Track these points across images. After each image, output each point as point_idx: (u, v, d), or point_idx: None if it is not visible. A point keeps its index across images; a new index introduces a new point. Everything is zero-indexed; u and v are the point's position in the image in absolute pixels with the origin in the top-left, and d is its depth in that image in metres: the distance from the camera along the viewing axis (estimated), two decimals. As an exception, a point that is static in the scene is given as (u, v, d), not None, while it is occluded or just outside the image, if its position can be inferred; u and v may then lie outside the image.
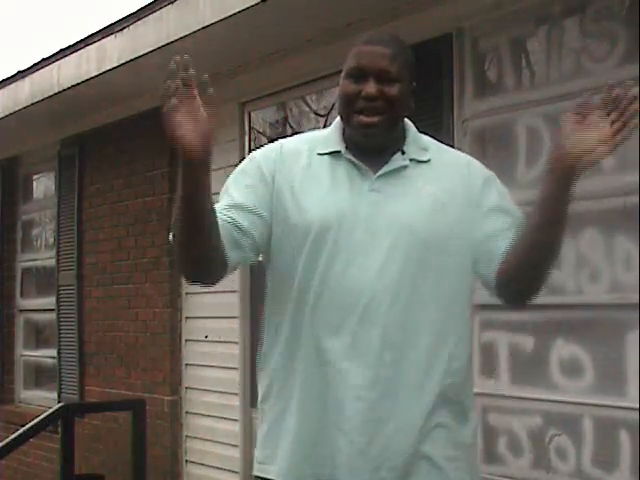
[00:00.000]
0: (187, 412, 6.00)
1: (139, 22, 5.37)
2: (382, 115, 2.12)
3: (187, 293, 6.03)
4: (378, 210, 2.10)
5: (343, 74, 2.22)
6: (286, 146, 2.24)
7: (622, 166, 3.61)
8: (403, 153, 2.18)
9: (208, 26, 4.78)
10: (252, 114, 5.63)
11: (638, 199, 3.49)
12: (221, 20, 4.69)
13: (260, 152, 2.25)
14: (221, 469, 5.70)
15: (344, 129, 2.21)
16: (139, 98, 6.25)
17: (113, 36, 5.63)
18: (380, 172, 2.14)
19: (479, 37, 4.22)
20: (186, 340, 6.03)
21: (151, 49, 5.26)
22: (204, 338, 5.87)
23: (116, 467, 6.34)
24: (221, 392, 5.70)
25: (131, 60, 5.48)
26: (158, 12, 5.19)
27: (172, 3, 5.06)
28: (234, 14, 4.58)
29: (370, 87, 2.12)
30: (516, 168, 4.03)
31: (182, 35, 4.99)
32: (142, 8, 5.38)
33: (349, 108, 2.16)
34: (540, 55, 3.99)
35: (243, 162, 2.26)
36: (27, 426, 5.44)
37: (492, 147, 4.30)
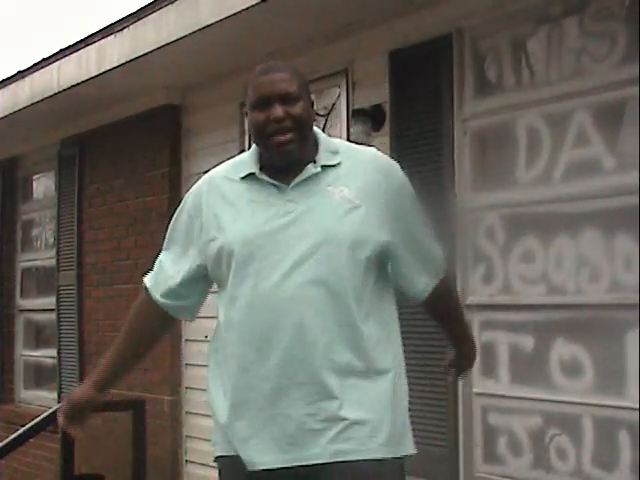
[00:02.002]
0: (187, 412, 6.00)
1: (139, 22, 5.37)
2: (293, 132, 2.31)
3: (187, 293, 6.03)
4: (294, 220, 2.29)
5: (249, 107, 2.38)
6: (211, 179, 2.46)
7: (622, 166, 3.61)
8: (315, 162, 2.35)
9: (208, 26, 4.79)
10: (252, 114, 5.63)
11: (638, 199, 3.49)
12: (221, 20, 4.69)
13: (191, 193, 2.49)
14: (221, 469, 5.70)
15: (261, 153, 2.40)
16: (139, 98, 6.26)
17: (113, 36, 5.63)
18: (293, 183, 2.32)
19: (479, 37, 4.22)
20: (186, 340, 6.03)
21: (151, 49, 5.27)
22: (204, 338, 5.87)
23: (116, 467, 6.34)
24: (221, 392, 5.69)
25: (131, 60, 5.48)
26: (158, 12, 5.19)
27: (172, 3, 5.06)
28: (234, 14, 4.58)
29: (276, 110, 2.31)
30: (516, 168, 4.03)
31: (182, 35, 4.99)
32: (142, 8, 5.38)
33: (262, 134, 2.33)
34: (540, 55, 3.99)
35: (179, 208, 2.52)
36: (27, 426, 5.43)
37: (492, 147, 4.30)
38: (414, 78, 4.41)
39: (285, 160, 2.33)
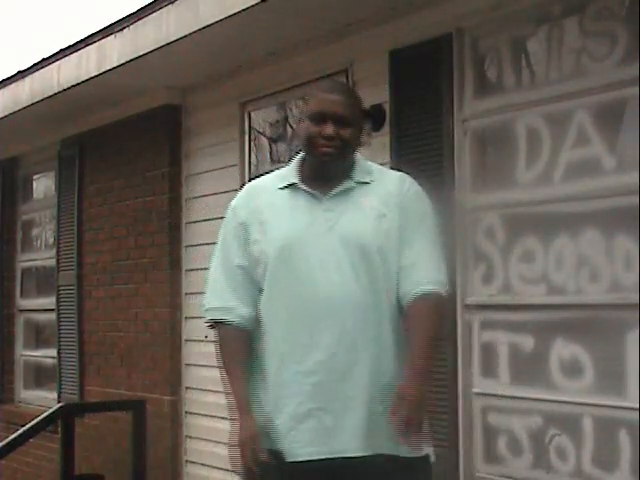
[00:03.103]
0: (187, 412, 6.00)
1: (139, 22, 5.37)
2: (337, 149, 2.63)
3: (187, 293, 6.03)
4: (332, 228, 2.60)
5: (305, 115, 2.68)
6: (254, 188, 2.80)
7: (622, 166, 3.61)
8: (351, 179, 2.68)
9: (208, 26, 4.78)
10: (252, 114, 5.63)
11: (638, 199, 3.49)
12: (221, 20, 4.69)
13: (234, 208, 2.77)
14: (221, 469, 5.69)
15: (301, 165, 2.73)
16: (139, 98, 6.26)
17: (113, 36, 5.63)
18: (331, 193, 2.64)
19: (479, 37, 4.22)
20: (186, 340, 6.03)
21: (151, 49, 5.27)
22: (204, 338, 5.86)
23: (116, 467, 6.34)
24: (221, 392, 5.67)
25: (131, 60, 5.48)
26: (158, 12, 5.19)
27: (172, 3, 5.06)
28: (234, 14, 4.58)
29: (329, 129, 2.62)
30: (516, 168, 4.03)
31: (182, 35, 4.99)
32: (142, 8, 5.38)
33: (312, 144, 2.65)
34: (540, 55, 3.99)
35: (225, 220, 2.78)
36: (27, 426, 5.45)
37: (492, 147, 4.30)
38: (414, 78, 4.41)
39: (324, 166, 2.66)
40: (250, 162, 5.61)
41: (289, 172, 2.73)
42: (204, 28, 4.82)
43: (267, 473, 2.55)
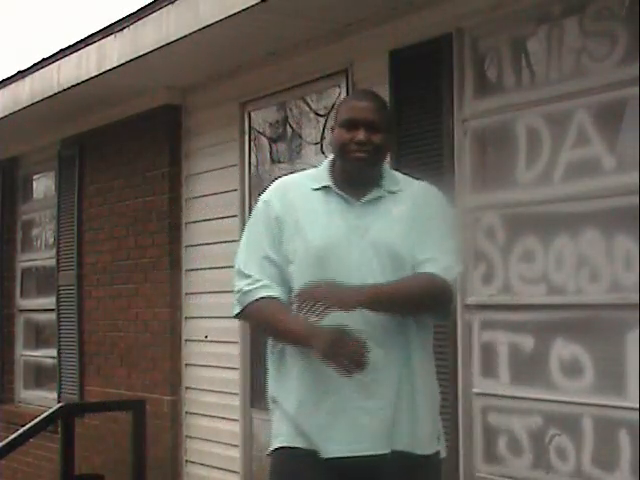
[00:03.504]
0: (187, 412, 6.00)
1: (139, 22, 5.37)
2: (369, 154, 2.69)
3: (187, 293, 6.03)
4: (364, 234, 2.67)
5: (337, 123, 2.75)
6: (286, 186, 2.82)
7: (622, 166, 3.61)
8: (381, 187, 2.75)
9: (208, 26, 4.78)
10: (252, 114, 5.63)
11: (638, 199, 3.49)
12: (221, 20, 4.69)
13: (265, 202, 2.80)
14: (221, 469, 5.70)
15: (332, 169, 2.78)
16: (139, 98, 6.26)
17: (113, 36, 5.63)
18: (363, 199, 2.71)
19: (479, 37, 4.22)
20: (186, 340, 6.03)
21: (151, 49, 5.27)
22: (204, 338, 5.87)
23: (116, 467, 6.34)
24: (221, 392, 5.70)
25: (131, 60, 5.48)
26: (158, 12, 5.19)
27: (172, 3, 5.06)
28: (234, 14, 4.58)
29: (361, 134, 2.68)
30: (516, 168, 4.03)
31: (182, 35, 4.99)
32: (142, 8, 5.38)
33: (344, 150, 2.71)
34: (540, 55, 3.99)
35: (255, 212, 2.84)
36: (27, 426, 5.44)
37: (492, 147, 4.30)
38: (414, 78, 4.41)
39: (359, 171, 2.72)
40: (250, 162, 5.61)
41: (321, 174, 2.77)
42: (204, 28, 4.82)
43: (302, 469, 2.64)
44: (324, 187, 2.73)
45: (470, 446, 4.14)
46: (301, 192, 2.75)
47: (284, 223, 2.70)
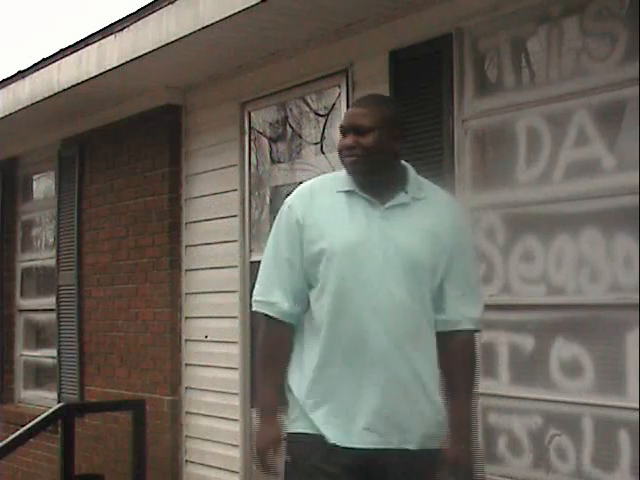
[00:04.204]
0: (187, 412, 6.00)
1: (139, 22, 5.37)
2: (360, 157, 2.77)
3: (187, 293, 6.03)
4: (388, 237, 2.72)
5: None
6: (312, 189, 2.88)
7: (622, 166, 3.61)
8: (406, 192, 2.80)
9: (208, 26, 4.78)
10: (252, 114, 5.63)
11: (638, 199, 3.49)
12: (221, 20, 4.69)
13: (289, 207, 2.87)
14: (221, 469, 5.70)
15: None
16: (139, 98, 6.26)
17: (113, 36, 5.63)
18: (388, 204, 2.76)
19: (479, 37, 4.22)
20: (186, 340, 6.03)
21: (151, 49, 5.26)
22: (204, 338, 5.87)
23: (116, 467, 6.34)
24: (221, 392, 5.69)
25: (131, 60, 5.48)
26: (158, 12, 5.19)
27: (172, 3, 5.05)
28: (234, 14, 4.58)
29: (348, 140, 2.79)
30: (516, 168, 4.03)
31: (182, 35, 4.99)
32: (142, 8, 5.38)
33: (340, 156, 2.84)
34: (540, 55, 3.99)
35: (279, 215, 2.90)
36: (27, 426, 5.45)
37: (492, 147, 4.30)
38: (414, 78, 4.41)
39: (354, 175, 2.80)
40: (250, 162, 5.61)
41: (346, 176, 2.84)
42: (204, 28, 4.82)
43: (309, 453, 2.75)
44: (348, 191, 2.80)
45: (470, 446, 4.14)
46: (327, 195, 2.83)
47: (306, 226, 2.78)
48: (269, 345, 2.87)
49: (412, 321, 2.72)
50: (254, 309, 2.90)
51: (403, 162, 2.90)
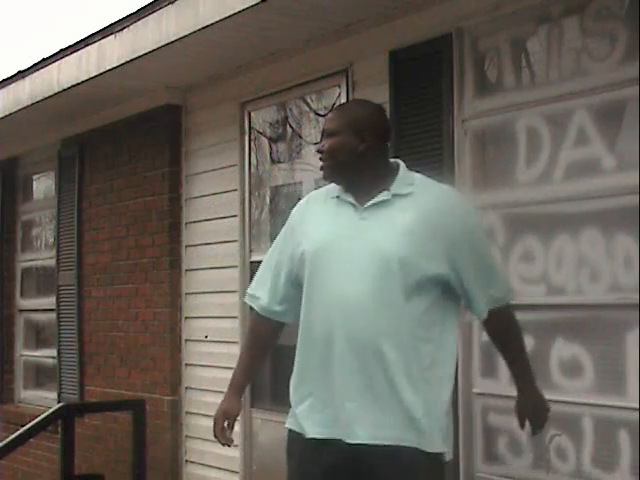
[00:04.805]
0: (187, 412, 6.00)
1: (139, 22, 5.37)
2: (326, 161, 2.89)
3: (187, 293, 6.03)
4: (362, 237, 2.77)
5: None
6: (310, 198, 3.04)
7: (622, 166, 3.61)
8: (389, 190, 2.81)
9: (208, 26, 4.78)
10: (252, 114, 5.63)
11: (638, 199, 3.49)
12: (221, 20, 4.68)
13: (292, 213, 3.04)
14: (221, 469, 5.70)
15: None
16: (139, 98, 6.26)
17: (113, 36, 5.63)
18: (366, 205, 2.81)
19: (479, 37, 4.22)
20: (186, 340, 6.03)
21: (151, 49, 5.26)
22: (204, 338, 5.87)
23: (116, 467, 6.34)
24: (221, 392, 5.65)
25: (131, 60, 5.48)
26: (158, 12, 5.19)
27: (172, 3, 5.05)
28: (234, 14, 4.58)
29: (318, 145, 2.93)
30: (516, 168, 4.03)
31: (182, 35, 4.99)
32: (142, 8, 5.38)
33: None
34: (540, 55, 3.99)
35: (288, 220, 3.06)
36: (27, 426, 5.45)
37: (492, 147, 4.30)
38: (414, 78, 4.41)
39: (326, 179, 2.93)
40: (250, 162, 5.61)
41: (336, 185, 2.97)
42: (204, 28, 4.82)
43: (296, 449, 2.90)
44: (336, 197, 2.89)
45: (470, 446, 4.14)
46: (320, 202, 2.96)
47: (297, 231, 2.93)
48: (248, 332, 3.16)
49: (380, 316, 2.72)
50: (245, 299, 3.16)
51: (396, 161, 2.92)
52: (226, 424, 3.05)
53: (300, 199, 3.17)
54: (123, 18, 5.58)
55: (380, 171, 2.85)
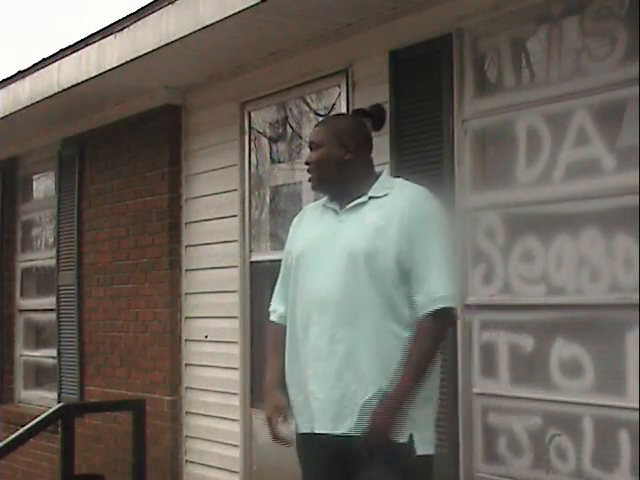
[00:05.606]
0: (187, 412, 6.00)
1: (139, 22, 5.37)
2: (312, 172, 3.13)
3: (187, 293, 6.03)
4: (337, 236, 2.98)
5: None
6: (307, 208, 3.28)
7: (622, 166, 3.61)
8: (366, 194, 3.01)
9: (208, 26, 4.78)
10: (252, 114, 5.64)
11: (638, 199, 3.49)
12: (221, 20, 4.69)
13: (292, 223, 3.27)
14: (221, 469, 5.70)
15: None
16: (139, 98, 6.26)
17: (113, 36, 5.63)
18: (344, 209, 3.03)
19: (479, 37, 4.22)
20: (186, 340, 6.03)
21: (151, 49, 5.26)
22: (204, 338, 5.87)
23: (116, 467, 6.34)
24: (221, 392, 5.70)
25: (131, 60, 5.47)
26: (158, 12, 5.19)
27: (172, 3, 5.05)
28: (234, 14, 4.58)
29: (307, 157, 3.15)
30: (516, 168, 4.03)
31: (182, 35, 4.99)
32: (142, 8, 5.38)
33: None
34: (540, 55, 3.99)
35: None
36: (27, 426, 5.44)
37: (492, 147, 4.30)
38: (414, 78, 4.41)
39: (314, 190, 3.20)
40: (250, 162, 5.61)
41: None
42: (204, 28, 4.82)
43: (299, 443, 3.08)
44: (324, 205, 3.12)
45: (470, 446, 4.14)
46: (313, 211, 3.19)
47: (290, 242, 3.19)
48: (269, 340, 3.27)
49: (348, 309, 2.89)
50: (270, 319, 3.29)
51: (382, 170, 3.14)
52: (281, 419, 3.09)
53: (300, 199, 3.23)
54: (123, 18, 5.58)
55: (365, 180, 3.05)
